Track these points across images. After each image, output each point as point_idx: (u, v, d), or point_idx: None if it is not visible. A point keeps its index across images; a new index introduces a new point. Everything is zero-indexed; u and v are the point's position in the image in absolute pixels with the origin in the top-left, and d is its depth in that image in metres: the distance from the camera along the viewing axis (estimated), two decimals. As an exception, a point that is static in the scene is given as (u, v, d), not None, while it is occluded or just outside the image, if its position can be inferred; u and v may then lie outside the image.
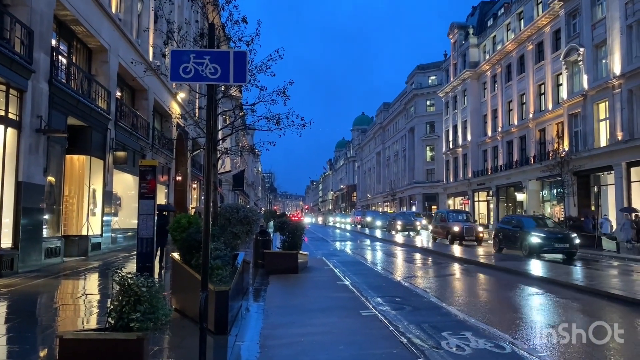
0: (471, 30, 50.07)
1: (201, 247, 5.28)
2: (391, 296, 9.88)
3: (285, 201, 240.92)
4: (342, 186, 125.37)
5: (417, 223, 40.59)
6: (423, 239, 31.05)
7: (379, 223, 47.20)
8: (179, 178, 29.20)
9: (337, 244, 26.95)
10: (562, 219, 28.33)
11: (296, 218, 56.12)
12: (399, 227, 40.15)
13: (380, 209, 76.39)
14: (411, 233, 38.40)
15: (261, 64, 10.30)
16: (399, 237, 31.78)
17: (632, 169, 25.75)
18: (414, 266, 16.30)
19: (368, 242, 29.34)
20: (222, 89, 11.10)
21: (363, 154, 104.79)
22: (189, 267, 7.57)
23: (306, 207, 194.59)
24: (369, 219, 50.65)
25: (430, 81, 65.35)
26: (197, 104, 18.81)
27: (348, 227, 55.22)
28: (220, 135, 13.28)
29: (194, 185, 34.57)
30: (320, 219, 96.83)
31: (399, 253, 21.51)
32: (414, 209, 62.72)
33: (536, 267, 14.86)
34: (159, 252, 12.37)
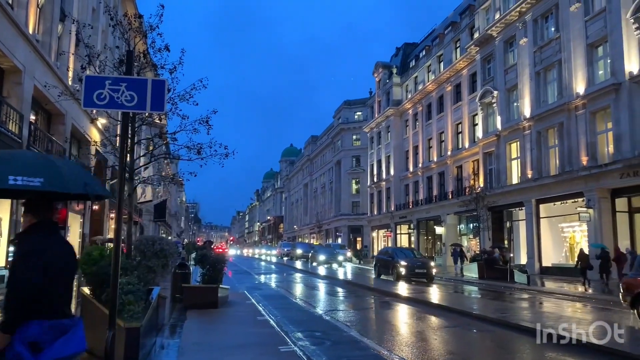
0: (395, 70, 52.27)
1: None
2: (312, 330, 9.79)
3: (210, 232, 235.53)
4: (269, 217, 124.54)
5: (340, 257, 39.18)
6: (347, 272, 31.28)
7: (308, 255, 46.39)
8: (95, 207, 27.77)
9: (262, 277, 26.55)
10: (478, 251, 29.52)
11: (220, 250, 54.78)
12: (321, 260, 39.39)
13: (306, 241, 76.37)
14: (334, 265, 38.45)
15: (184, 92, 10.12)
16: (323, 270, 31.66)
17: (541, 206, 27.49)
18: (336, 299, 16.33)
19: (293, 275, 29.14)
20: (145, 116, 10.79)
21: (291, 185, 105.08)
22: (99, 303, 7.14)
23: (231, 238, 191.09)
24: (299, 251, 49.23)
25: (356, 116, 67.15)
26: (117, 131, 18.15)
27: (274, 260, 54.55)
28: (141, 162, 12.84)
29: (112, 215, 33.04)
30: (245, 251, 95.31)
31: (322, 286, 21.50)
32: (339, 240, 63.29)
33: (460, 301, 15.33)
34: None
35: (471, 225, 35.66)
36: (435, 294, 18.16)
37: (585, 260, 20.28)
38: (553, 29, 27.10)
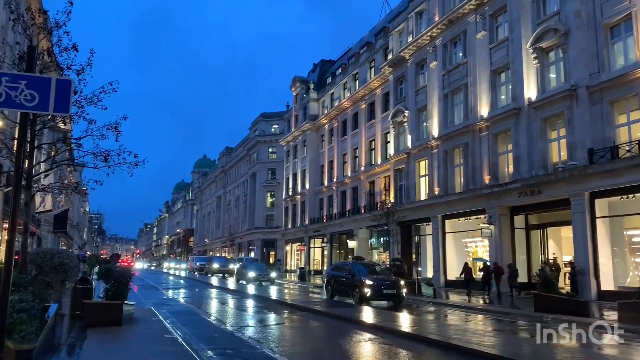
0: (312, 85, 52.98)
1: None
2: (223, 348, 9.47)
3: (115, 245, 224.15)
4: (178, 230, 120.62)
5: (273, 274, 35.50)
6: (272, 289, 30.89)
7: (223, 269, 45.12)
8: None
9: (170, 292, 25.52)
10: (389, 264, 30.25)
11: (126, 263, 52.09)
12: (251, 277, 36.60)
13: (217, 254, 74.69)
14: (226, 275, 38.04)
15: (92, 95, 9.54)
16: (235, 285, 30.89)
17: (447, 221, 28.79)
18: (248, 315, 16.00)
19: (204, 290, 28.29)
20: (47, 118, 10.02)
21: (203, 197, 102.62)
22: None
23: (138, 251, 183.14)
24: (215, 265, 47.14)
25: (273, 129, 67.10)
26: (15, 134, 16.75)
27: (183, 274, 52.75)
28: (41, 169, 11.91)
29: (5, 225, 30.41)
30: (153, 265, 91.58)
31: (235, 301, 21.03)
32: (252, 254, 62.49)
33: (367, 315, 15.52)
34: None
35: (382, 239, 36.62)
36: (342, 309, 18.33)
37: (469, 273, 22.20)
38: (461, 54, 28.73)
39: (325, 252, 46.76)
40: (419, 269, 31.43)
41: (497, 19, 26.35)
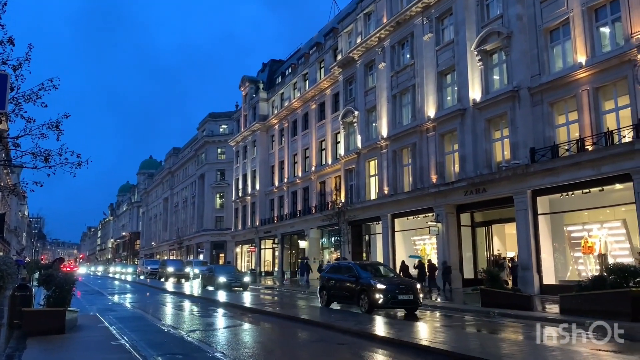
0: (261, 85, 52.62)
1: None
2: (173, 354, 9.20)
3: (57, 249, 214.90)
4: (124, 233, 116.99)
5: (246, 279, 31.98)
6: (188, 285, 30.37)
7: (179, 273, 41.71)
8: None
9: (116, 298, 24.67)
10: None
11: (69, 268, 49.95)
12: (222, 282, 29.22)
13: (165, 257, 72.94)
14: (182, 280, 37.20)
15: (30, 92, 9.04)
16: (201, 291, 27.34)
17: (396, 220, 29.24)
18: (200, 319, 15.65)
19: (152, 294, 27.51)
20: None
21: (149, 199, 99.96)
22: None
23: (81, 256, 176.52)
24: (170, 269, 42.45)
25: (221, 129, 66.18)
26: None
27: (129, 278, 51.12)
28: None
29: None
30: (99, 269, 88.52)
31: (185, 305, 20.56)
32: (201, 257, 61.41)
33: (315, 314, 15.49)
34: None
35: (333, 239, 36.79)
36: (351, 321, 18.25)
37: (406, 270, 23.83)
38: (408, 55, 29.24)
39: (277, 253, 46.53)
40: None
41: (443, 21, 26.98)
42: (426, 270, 24.33)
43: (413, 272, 25.03)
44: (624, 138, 17.59)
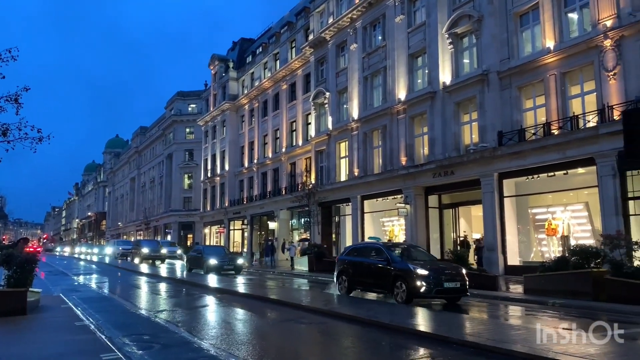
0: (231, 64, 51.78)
1: None
2: (139, 334, 9.05)
3: (19, 230, 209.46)
4: (90, 213, 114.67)
5: (240, 261, 30.27)
6: (177, 270, 30.09)
7: (155, 254, 38.70)
8: None
9: (81, 278, 24.18)
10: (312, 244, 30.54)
11: (31, 249, 48.69)
12: (212, 265, 31.11)
13: (132, 238, 71.84)
14: (157, 262, 36.53)
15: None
16: (187, 275, 24.86)
17: (366, 202, 29.39)
18: (167, 299, 15.48)
19: (119, 274, 27.09)
20: None
21: (116, 179, 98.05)
22: None
23: (45, 236, 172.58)
24: (145, 250, 38.77)
25: (190, 109, 65.09)
26: None
27: (95, 259, 50.19)
28: None
29: None
30: (66, 250, 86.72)
31: (151, 286, 20.30)
32: (169, 237, 60.76)
33: (291, 295, 15.46)
34: None
35: (302, 220, 36.80)
36: (263, 286, 18.24)
37: None
38: (380, 37, 29.13)
39: (246, 234, 46.35)
40: (287, 247, 33.48)
41: (415, 3, 26.90)
42: None
43: None
44: (589, 123, 17.98)
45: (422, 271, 12.76)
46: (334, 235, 32.95)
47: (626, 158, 6.53)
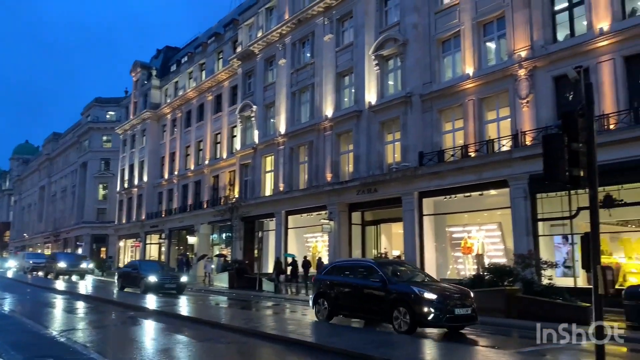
0: (154, 72, 50.22)
1: None
2: (42, 356, 8.31)
3: None
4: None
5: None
6: (88, 285, 28.33)
7: (74, 269, 35.69)
8: None
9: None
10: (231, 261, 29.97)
11: None
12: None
13: (39, 251, 67.14)
14: (74, 277, 34.36)
15: None
16: (117, 295, 22.04)
17: (290, 217, 29.25)
18: (75, 317, 14.42)
19: (29, 290, 24.96)
20: None
21: (23, 187, 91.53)
22: None
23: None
24: (61, 264, 35.39)
25: (108, 116, 62.33)
26: None
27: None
28: None
29: None
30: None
31: (59, 302, 18.89)
32: (80, 250, 57.40)
33: (211, 313, 14.93)
34: None
35: (224, 235, 35.99)
36: (184, 305, 17.55)
37: (280, 267, 25.17)
38: (309, 54, 29.38)
39: (163, 249, 44.64)
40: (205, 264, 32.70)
41: (344, 23, 27.42)
42: (300, 267, 24.68)
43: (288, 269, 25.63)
44: (503, 147, 19.00)
45: (429, 295, 10.78)
46: (256, 251, 32.48)
47: (545, 181, 6.84)
